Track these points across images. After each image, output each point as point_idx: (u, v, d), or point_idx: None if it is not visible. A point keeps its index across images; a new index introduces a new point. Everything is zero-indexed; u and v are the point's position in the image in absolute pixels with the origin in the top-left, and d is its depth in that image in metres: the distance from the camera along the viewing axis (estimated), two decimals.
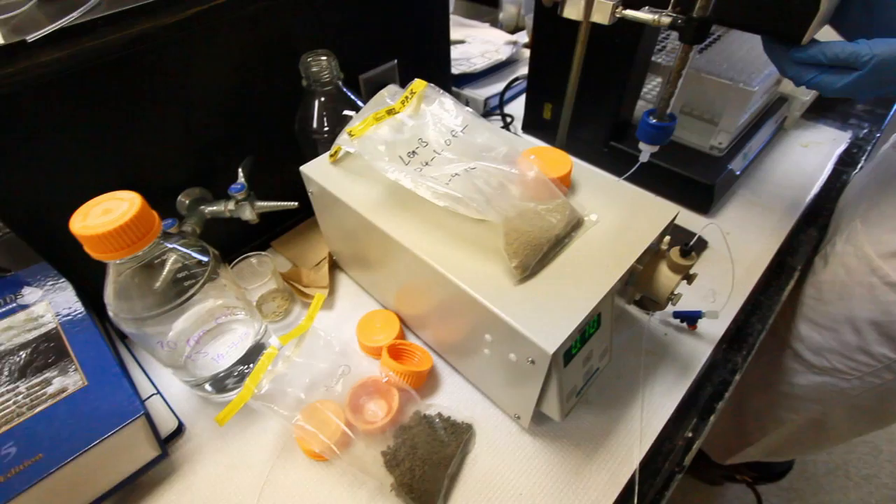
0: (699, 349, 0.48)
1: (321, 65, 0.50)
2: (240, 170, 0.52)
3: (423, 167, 0.39)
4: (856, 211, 0.60)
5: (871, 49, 0.39)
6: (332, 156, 0.46)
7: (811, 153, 0.71)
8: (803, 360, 0.64)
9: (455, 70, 0.82)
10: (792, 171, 0.68)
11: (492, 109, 0.82)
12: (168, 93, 0.46)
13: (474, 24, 1.00)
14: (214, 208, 0.52)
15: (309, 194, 0.50)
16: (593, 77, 0.61)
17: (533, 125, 0.77)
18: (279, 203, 0.52)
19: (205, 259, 0.40)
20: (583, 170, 0.44)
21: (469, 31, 0.97)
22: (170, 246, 0.37)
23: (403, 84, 0.68)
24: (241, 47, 0.49)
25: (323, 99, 0.52)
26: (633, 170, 0.49)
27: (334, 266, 0.58)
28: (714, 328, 0.50)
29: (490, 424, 0.43)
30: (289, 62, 0.50)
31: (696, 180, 0.60)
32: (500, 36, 0.93)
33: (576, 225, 0.38)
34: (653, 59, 0.63)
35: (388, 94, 0.47)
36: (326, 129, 0.53)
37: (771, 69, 0.61)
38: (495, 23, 1.06)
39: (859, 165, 0.69)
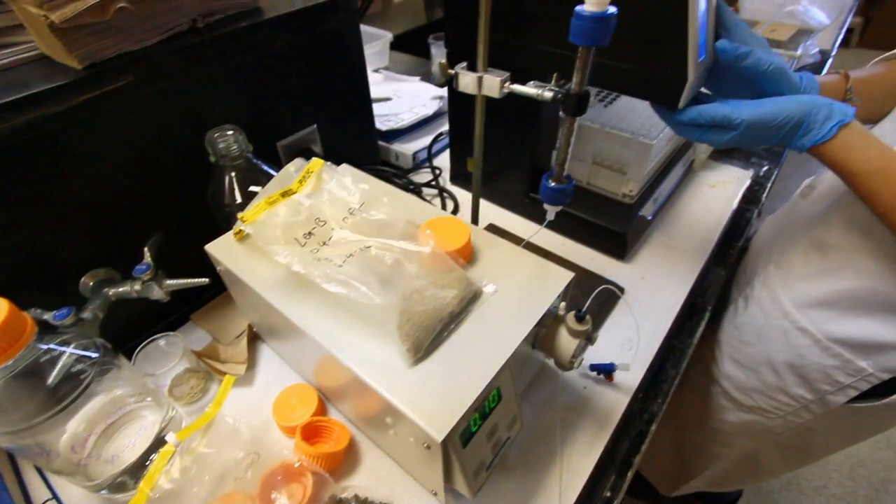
0: (617, 401, 0.49)
1: (228, 140, 0.49)
2: (146, 249, 0.51)
3: (319, 247, 0.39)
4: (770, 255, 0.64)
5: (741, 114, 0.43)
6: (236, 234, 0.45)
7: (718, 193, 0.76)
8: (732, 398, 0.66)
9: (383, 126, 0.83)
10: (701, 212, 0.72)
11: (421, 162, 0.84)
12: (65, 174, 0.45)
13: (405, 78, 1.03)
14: (120, 290, 0.50)
15: (218, 271, 0.49)
16: (506, 133, 0.64)
17: (459, 177, 0.79)
18: (189, 280, 0.51)
19: (93, 355, 0.38)
20: (484, 237, 0.45)
21: (399, 85, 1.00)
22: (45, 347, 0.35)
23: (327, 147, 0.69)
24: (144, 126, 0.48)
25: (233, 173, 0.52)
26: (540, 228, 0.51)
27: (255, 338, 0.57)
28: (630, 378, 0.51)
29: (410, 502, 0.42)
30: (198, 135, 0.50)
31: (609, 229, 0.63)
32: (428, 90, 0.96)
33: (472, 298, 0.38)
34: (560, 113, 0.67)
35: (295, 168, 0.47)
36: (239, 202, 0.52)
37: None
38: (427, 76, 1.09)
39: (761, 202, 0.74)
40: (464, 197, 0.77)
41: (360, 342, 0.36)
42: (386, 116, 0.86)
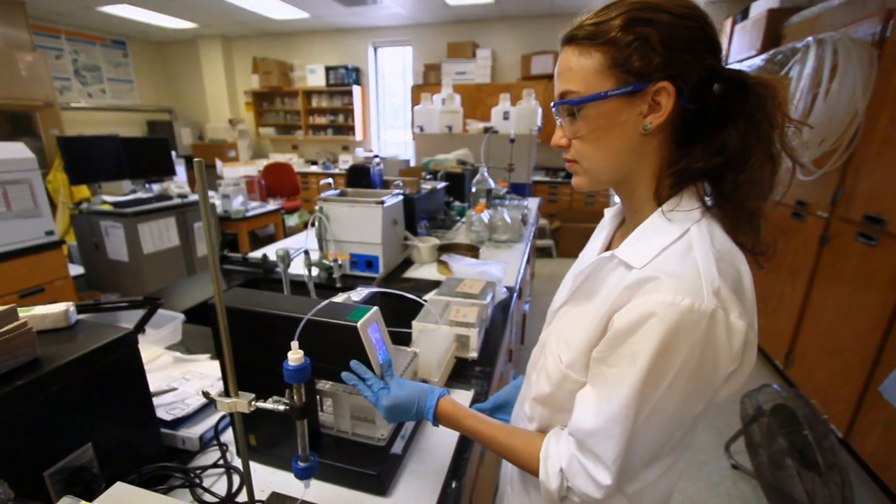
0: None
1: None
2: None
3: None
4: (514, 479, 0.86)
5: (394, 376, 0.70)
6: None
7: None
8: None
9: (169, 416, 0.92)
10: (442, 434, 0.96)
11: (209, 441, 0.93)
12: None
13: (194, 358, 1.16)
14: None
15: None
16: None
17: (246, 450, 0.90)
18: None
19: None
20: None
21: (189, 366, 1.12)
22: None
23: (104, 454, 0.74)
24: None
25: None
26: (305, 491, 0.65)
27: None
28: None
29: None
30: None
31: (368, 473, 0.80)
32: (217, 368, 1.10)
33: None
34: (318, 386, 0.88)
35: None
36: None
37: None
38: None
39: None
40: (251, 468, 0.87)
41: None
42: (172, 405, 0.95)
